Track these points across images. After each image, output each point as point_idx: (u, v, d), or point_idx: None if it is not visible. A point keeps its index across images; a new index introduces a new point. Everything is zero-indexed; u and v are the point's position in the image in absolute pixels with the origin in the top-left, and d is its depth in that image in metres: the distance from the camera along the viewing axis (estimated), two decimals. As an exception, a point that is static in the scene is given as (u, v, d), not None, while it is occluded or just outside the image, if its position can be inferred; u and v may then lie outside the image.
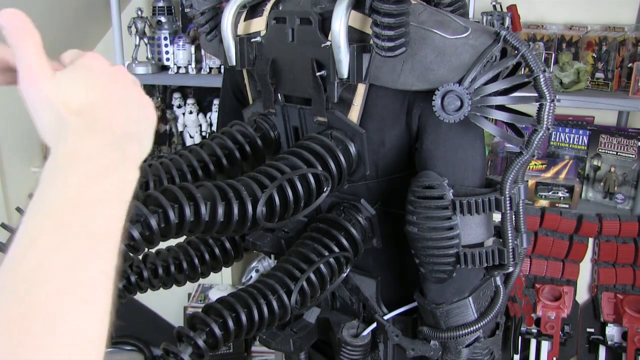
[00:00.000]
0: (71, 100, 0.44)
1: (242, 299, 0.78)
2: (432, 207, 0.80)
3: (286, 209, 0.79)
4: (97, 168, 0.40)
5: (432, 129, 0.81)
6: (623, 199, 2.01)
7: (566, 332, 2.02)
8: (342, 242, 0.88)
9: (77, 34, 2.49)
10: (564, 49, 1.98)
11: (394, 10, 0.73)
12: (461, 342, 0.87)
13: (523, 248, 0.83)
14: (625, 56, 1.95)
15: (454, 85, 0.74)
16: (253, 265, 2.41)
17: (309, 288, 0.83)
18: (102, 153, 0.42)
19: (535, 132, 0.74)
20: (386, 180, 0.89)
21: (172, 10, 2.23)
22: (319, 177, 0.81)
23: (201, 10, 0.96)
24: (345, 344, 0.96)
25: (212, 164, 0.86)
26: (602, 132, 2.06)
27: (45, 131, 0.44)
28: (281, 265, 0.86)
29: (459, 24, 0.76)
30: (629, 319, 1.90)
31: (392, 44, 0.75)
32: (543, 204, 2.00)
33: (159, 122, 2.47)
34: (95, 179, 0.40)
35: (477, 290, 0.86)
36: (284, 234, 1.01)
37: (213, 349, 0.74)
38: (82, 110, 0.43)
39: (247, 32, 0.94)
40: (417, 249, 0.83)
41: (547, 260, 1.99)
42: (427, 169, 0.82)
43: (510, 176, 0.78)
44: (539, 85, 0.72)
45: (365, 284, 0.97)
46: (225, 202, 0.71)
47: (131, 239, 0.70)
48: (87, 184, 0.39)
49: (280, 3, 0.90)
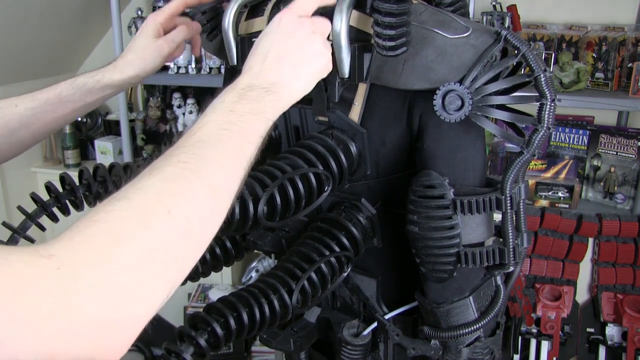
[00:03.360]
0: (257, 51, 0.69)
1: (243, 299, 0.78)
2: (433, 206, 0.80)
3: (287, 208, 0.79)
4: (246, 95, 0.63)
5: (433, 128, 0.81)
6: (623, 199, 2.01)
7: (566, 332, 2.02)
8: (342, 241, 0.88)
9: (77, 34, 2.50)
10: (564, 49, 1.98)
11: (395, 10, 0.73)
12: (462, 341, 0.87)
13: (523, 247, 0.83)
14: (625, 56, 1.95)
15: (454, 84, 0.74)
16: (253, 265, 2.42)
17: (310, 287, 0.83)
18: (251, 90, 0.63)
19: (536, 131, 0.74)
20: (387, 179, 0.90)
21: (172, 10, 2.23)
22: (320, 177, 0.81)
23: (202, 10, 0.96)
24: (346, 344, 0.96)
25: (213, 163, 0.86)
26: (602, 132, 2.06)
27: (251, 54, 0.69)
28: (282, 264, 0.86)
29: (460, 24, 0.76)
30: (628, 319, 1.90)
31: (393, 43, 0.75)
32: (543, 204, 2.00)
33: (159, 122, 2.47)
34: (239, 101, 0.62)
35: (478, 290, 0.86)
36: (284, 234, 1.01)
37: (215, 348, 0.74)
38: (253, 61, 0.68)
39: (249, 32, 0.94)
40: (418, 249, 0.84)
41: (547, 260, 1.99)
42: (427, 168, 0.82)
43: (511, 176, 0.78)
44: (540, 84, 0.72)
45: (366, 283, 0.97)
46: (227, 201, 0.71)
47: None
48: (237, 101, 0.62)
49: (281, 3, 0.90)
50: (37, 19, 2.20)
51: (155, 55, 0.91)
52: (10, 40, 2.16)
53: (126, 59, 0.91)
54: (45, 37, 2.32)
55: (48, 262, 0.39)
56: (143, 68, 0.91)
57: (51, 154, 2.56)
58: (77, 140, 2.52)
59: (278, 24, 0.69)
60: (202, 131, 0.57)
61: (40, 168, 2.50)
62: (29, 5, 2.11)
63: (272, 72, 0.66)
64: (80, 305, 0.39)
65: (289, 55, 0.68)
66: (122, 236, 0.44)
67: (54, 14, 2.27)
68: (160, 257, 0.46)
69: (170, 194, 0.49)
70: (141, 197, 0.48)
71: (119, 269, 0.42)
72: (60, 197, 0.85)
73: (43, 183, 0.89)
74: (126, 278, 0.42)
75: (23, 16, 2.13)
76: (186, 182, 0.51)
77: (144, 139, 2.49)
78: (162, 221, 0.47)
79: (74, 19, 2.40)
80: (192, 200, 0.50)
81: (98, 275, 0.41)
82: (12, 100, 0.85)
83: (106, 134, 2.59)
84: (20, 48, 2.24)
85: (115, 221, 0.45)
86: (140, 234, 0.45)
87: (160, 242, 0.46)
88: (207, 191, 0.52)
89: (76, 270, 0.40)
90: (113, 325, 0.41)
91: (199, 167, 0.53)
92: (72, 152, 2.48)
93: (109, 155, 2.46)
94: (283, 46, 0.67)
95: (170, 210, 0.48)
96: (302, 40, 0.69)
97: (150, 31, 0.92)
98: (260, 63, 0.67)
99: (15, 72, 2.32)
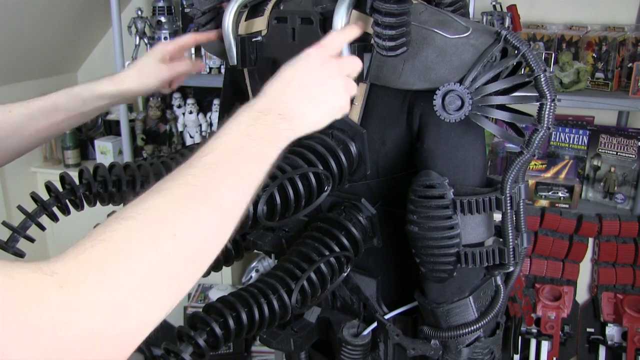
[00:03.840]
0: (281, 78, 0.70)
1: (242, 298, 0.78)
2: (433, 206, 0.80)
3: (287, 208, 0.79)
4: (260, 120, 0.63)
5: (432, 128, 0.81)
6: (623, 199, 2.01)
7: (566, 332, 2.02)
8: (342, 241, 0.88)
9: (77, 34, 2.50)
10: (564, 49, 1.98)
11: (395, 10, 0.73)
12: (462, 341, 0.87)
13: (523, 247, 0.83)
14: (625, 56, 1.95)
15: (454, 84, 0.74)
16: (253, 265, 2.41)
17: (309, 287, 0.83)
18: (267, 112, 0.65)
19: (536, 131, 0.74)
20: (387, 179, 0.90)
21: (172, 10, 2.23)
22: (320, 177, 0.81)
23: (202, 10, 0.96)
24: (346, 344, 0.96)
25: (213, 163, 0.86)
26: (602, 132, 2.06)
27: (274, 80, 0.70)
28: (282, 264, 0.86)
29: (460, 24, 0.76)
30: (629, 319, 1.90)
31: (393, 43, 0.75)
32: (543, 204, 2.00)
33: (159, 122, 2.47)
34: (255, 124, 0.63)
35: (478, 290, 0.86)
36: (284, 233, 1.01)
37: (214, 348, 0.74)
38: (276, 86, 0.69)
39: (249, 32, 0.94)
40: (418, 249, 0.84)
41: (547, 260, 1.99)
42: (427, 168, 0.82)
43: (511, 176, 0.78)
44: (540, 84, 0.72)
45: (366, 283, 0.97)
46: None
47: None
48: (252, 124, 0.62)
49: (282, 3, 0.91)
50: (37, 19, 2.20)
51: (153, 77, 0.96)
52: (10, 40, 2.16)
53: (125, 74, 0.95)
54: (45, 37, 2.32)
55: (51, 279, 0.40)
56: (138, 85, 0.95)
57: (51, 154, 2.56)
58: (77, 140, 2.52)
59: (306, 59, 0.71)
60: (214, 154, 0.57)
61: (40, 168, 2.50)
62: (29, 6, 2.11)
63: (291, 101, 0.67)
64: (79, 320, 0.40)
65: (310, 90, 0.69)
66: (126, 256, 0.44)
67: (54, 14, 2.27)
68: (162, 278, 0.46)
69: (177, 217, 0.49)
70: (147, 218, 0.48)
71: (120, 287, 0.43)
72: (60, 197, 0.85)
73: (43, 183, 0.89)
74: (127, 296, 0.43)
75: (23, 16, 2.13)
76: (194, 205, 0.51)
77: (144, 139, 2.49)
78: (167, 244, 0.47)
79: (74, 19, 2.39)
80: (199, 224, 0.51)
81: (99, 293, 0.42)
82: (7, 106, 0.87)
83: (106, 134, 2.58)
84: (20, 48, 2.24)
85: (120, 241, 0.45)
86: (145, 255, 0.45)
87: (164, 263, 0.47)
88: (214, 216, 0.52)
89: (78, 288, 0.41)
90: (111, 340, 0.42)
91: (207, 191, 0.53)
92: (72, 152, 2.48)
93: (109, 155, 2.46)
94: (306, 80, 0.70)
95: (175, 233, 0.48)
96: (326, 79, 0.71)
97: (157, 54, 0.97)
98: (282, 90, 0.68)
99: (15, 72, 2.32)
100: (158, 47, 0.98)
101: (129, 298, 0.43)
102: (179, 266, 0.48)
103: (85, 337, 0.40)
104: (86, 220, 0.97)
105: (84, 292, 0.41)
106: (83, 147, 2.57)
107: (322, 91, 0.70)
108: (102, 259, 0.43)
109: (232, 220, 0.55)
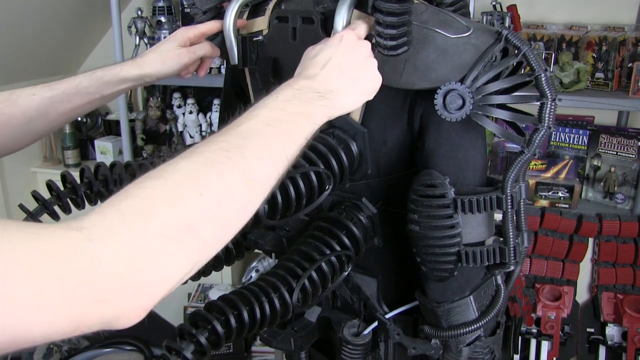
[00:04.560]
0: (318, 58, 0.72)
1: (244, 297, 0.78)
2: (434, 205, 0.80)
3: (288, 207, 0.79)
4: (298, 96, 0.65)
5: (433, 127, 0.81)
6: (623, 199, 2.01)
7: (566, 332, 2.02)
8: (343, 240, 0.88)
9: (77, 34, 2.50)
10: (564, 49, 1.98)
11: (396, 9, 0.73)
12: (462, 340, 0.87)
13: (524, 247, 0.83)
14: (625, 56, 1.95)
15: (455, 84, 0.74)
16: (253, 265, 2.42)
17: (310, 286, 0.83)
18: (307, 89, 0.67)
19: (537, 131, 0.74)
20: (388, 179, 0.90)
21: (172, 10, 2.24)
22: (321, 176, 0.81)
23: (203, 10, 0.96)
24: (346, 343, 0.96)
25: (214, 162, 0.87)
26: (602, 132, 2.07)
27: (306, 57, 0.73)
28: (283, 263, 0.86)
29: (461, 24, 0.76)
30: (629, 319, 1.91)
31: (395, 43, 0.75)
32: (543, 203, 2.00)
33: (159, 122, 2.47)
34: (292, 100, 0.64)
35: (478, 289, 0.86)
36: (285, 233, 1.02)
37: (215, 346, 0.74)
38: (314, 64, 0.71)
39: (250, 32, 0.94)
40: (419, 248, 0.84)
41: (547, 260, 1.99)
42: (428, 167, 0.82)
43: (512, 175, 0.78)
44: (540, 84, 0.73)
45: (366, 283, 0.97)
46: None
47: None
48: (290, 100, 0.64)
49: (283, 2, 0.91)
50: (37, 19, 2.20)
51: (175, 61, 0.96)
52: (11, 40, 2.16)
53: (147, 58, 0.96)
54: (45, 37, 2.32)
55: (79, 234, 0.43)
56: (160, 69, 0.95)
57: (51, 154, 2.56)
58: (77, 140, 2.52)
59: (340, 40, 0.73)
60: (248, 124, 0.59)
61: (40, 168, 2.50)
62: (30, 6, 2.11)
63: (330, 80, 0.69)
64: (107, 271, 0.43)
65: (348, 69, 0.71)
66: (151, 212, 0.47)
67: (54, 14, 2.27)
68: (186, 235, 0.48)
69: (205, 178, 0.51)
70: (176, 176, 0.50)
71: (145, 239, 0.45)
72: (61, 196, 0.85)
73: (43, 183, 0.89)
74: (150, 249, 0.45)
75: (23, 16, 2.13)
76: (223, 168, 0.53)
77: (144, 139, 2.49)
78: (192, 202, 0.49)
79: (74, 19, 2.40)
80: (226, 187, 0.52)
81: (124, 245, 0.44)
82: (30, 89, 0.88)
83: (106, 134, 2.59)
84: (20, 48, 2.24)
85: (147, 197, 0.47)
86: (169, 211, 0.47)
87: (189, 220, 0.48)
88: (242, 180, 0.54)
89: (105, 241, 0.43)
90: (134, 288, 0.45)
91: (238, 156, 0.55)
92: (72, 152, 2.48)
93: (109, 155, 2.46)
94: (343, 59, 0.71)
95: (202, 192, 0.50)
96: (362, 60, 0.73)
97: (178, 39, 0.97)
98: (320, 69, 0.70)
99: (15, 72, 2.32)
100: (179, 32, 0.98)
101: (152, 251, 0.45)
102: (204, 225, 0.50)
103: (113, 286, 0.43)
104: (87, 219, 0.97)
105: (111, 244, 0.43)
106: (83, 147, 2.57)
107: (360, 72, 0.72)
108: (128, 213, 0.46)
109: (261, 188, 0.57)
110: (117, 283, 0.43)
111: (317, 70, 0.70)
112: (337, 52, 0.71)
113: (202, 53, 0.99)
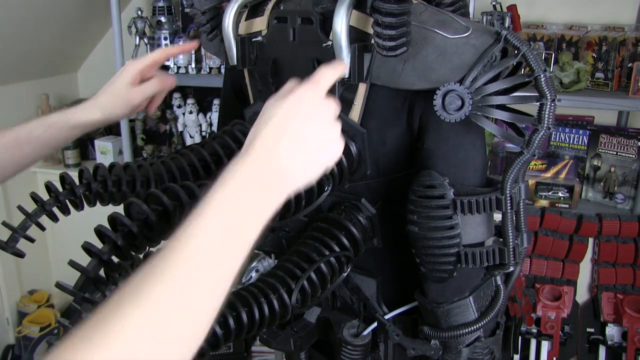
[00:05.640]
0: (272, 125, 0.59)
1: (243, 298, 0.78)
2: (433, 206, 0.80)
3: (287, 208, 0.79)
4: (249, 185, 0.55)
5: (433, 128, 0.81)
6: (623, 199, 2.01)
7: (566, 332, 2.02)
8: (342, 241, 0.88)
9: (77, 34, 2.50)
10: (564, 49, 1.98)
11: (395, 10, 0.73)
12: (462, 341, 0.87)
13: (523, 247, 0.83)
14: (625, 56, 1.95)
15: (455, 84, 0.74)
16: (253, 265, 2.41)
17: (309, 287, 0.83)
18: (259, 174, 0.56)
19: (536, 131, 0.74)
20: (387, 179, 0.90)
21: (172, 10, 2.23)
22: (320, 176, 0.81)
23: (202, 10, 0.96)
24: (346, 344, 0.96)
25: (214, 163, 0.87)
26: (602, 132, 2.06)
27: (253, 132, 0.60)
28: (282, 264, 0.86)
29: (460, 24, 0.76)
30: (629, 319, 1.90)
31: (394, 43, 0.75)
32: (543, 204, 2.00)
33: (159, 122, 2.47)
34: (245, 192, 0.55)
35: (478, 290, 0.86)
36: (284, 233, 1.02)
37: (214, 347, 0.74)
38: (267, 137, 0.58)
39: (249, 32, 0.94)
40: (418, 249, 0.84)
41: (547, 260, 1.99)
42: (428, 168, 0.82)
43: (511, 175, 0.78)
44: (540, 84, 0.72)
45: (366, 283, 0.97)
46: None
47: (132, 236, 0.70)
48: (239, 194, 0.54)
49: (282, 3, 0.91)
50: (37, 19, 2.20)
51: (125, 105, 0.94)
52: (10, 40, 2.16)
53: (97, 102, 0.94)
54: (45, 37, 2.32)
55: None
56: (110, 113, 0.94)
57: (51, 154, 2.56)
58: (77, 140, 2.51)
59: (300, 100, 0.60)
60: (200, 238, 0.51)
61: (40, 168, 2.50)
62: (29, 6, 2.11)
63: (285, 157, 0.58)
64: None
65: (307, 142, 0.60)
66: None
67: (54, 14, 2.27)
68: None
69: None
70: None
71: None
72: (60, 197, 0.85)
73: (43, 183, 0.89)
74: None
75: (23, 16, 2.13)
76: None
77: (144, 139, 2.49)
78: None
79: (74, 19, 2.39)
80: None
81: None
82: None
83: (106, 134, 2.58)
84: (20, 48, 2.24)
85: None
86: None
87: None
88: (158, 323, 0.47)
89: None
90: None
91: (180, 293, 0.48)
92: (72, 152, 2.48)
93: (109, 155, 2.45)
94: (303, 129, 0.59)
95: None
96: (325, 126, 0.61)
97: (127, 77, 0.95)
98: (276, 139, 0.58)
99: (15, 72, 2.32)
100: (128, 68, 0.95)
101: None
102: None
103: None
104: (86, 220, 0.97)
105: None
106: (83, 147, 2.57)
107: (320, 141, 0.60)
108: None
109: (206, 317, 0.50)
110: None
111: (273, 140, 0.58)
112: (296, 119, 0.59)
113: (152, 92, 0.97)
